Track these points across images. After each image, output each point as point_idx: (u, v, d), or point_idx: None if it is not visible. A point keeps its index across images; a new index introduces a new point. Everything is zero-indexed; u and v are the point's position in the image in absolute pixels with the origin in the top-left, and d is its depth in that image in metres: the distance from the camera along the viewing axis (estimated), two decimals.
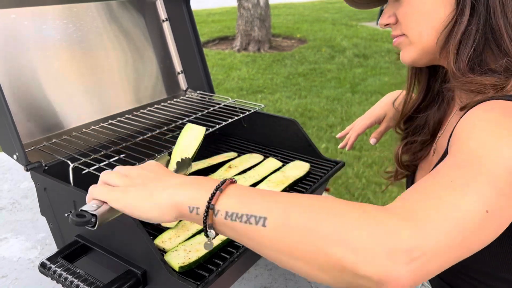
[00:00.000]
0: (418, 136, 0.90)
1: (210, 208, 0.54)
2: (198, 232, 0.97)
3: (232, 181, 0.58)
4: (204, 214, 0.54)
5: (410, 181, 0.93)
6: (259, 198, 0.54)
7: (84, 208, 0.62)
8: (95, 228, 0.62)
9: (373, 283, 0.45)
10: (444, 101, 0.87)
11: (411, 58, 0.78)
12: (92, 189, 0.66)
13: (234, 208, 0.53)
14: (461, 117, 0.65)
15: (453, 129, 0.65)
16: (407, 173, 0.96)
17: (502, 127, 0.56)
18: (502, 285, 0.71)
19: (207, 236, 0.56)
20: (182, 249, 0.88)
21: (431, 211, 0.48)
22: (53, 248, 1.11)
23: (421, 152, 0.90)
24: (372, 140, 1.13)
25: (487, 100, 0.63)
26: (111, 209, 0.63)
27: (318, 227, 0.49)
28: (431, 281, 0.89)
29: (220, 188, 0.55)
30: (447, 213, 0.48)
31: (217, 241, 0.91)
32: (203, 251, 0.88)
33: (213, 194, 0.54)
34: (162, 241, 0.93)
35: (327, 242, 0.47)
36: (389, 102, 1.12)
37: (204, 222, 0.54)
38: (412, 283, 0.46)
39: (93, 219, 0.61)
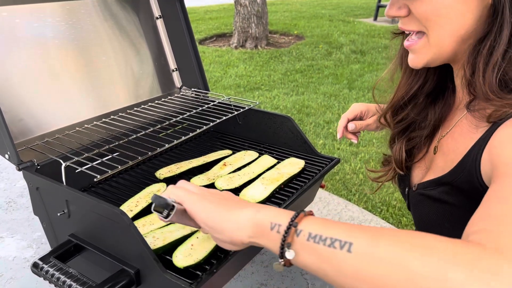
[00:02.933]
0: (420, 131, 0.86)
1: (293, 225, 0.53)
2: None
3: (311, 213, 0.57)
4: (285, 231, 0.53)
5: (407, 180, 0.90)
6: (344, 225, 0.53)
7: (163, 196, 0.66)
8: (167, 219, 0.64)
9: None
10: (448, 98, 0.84)
11: (425, 61, 0.73)
12: (171, 189, 0.68)
13: (318, 230, 0.52)
14: (489, 129, 0.63)
15: (483, 143, 0.63)
16: (398, 173, 0.93)
17: None
18: None
19: (281, 257, 0.54)
20: (188, 245, 0.89)
21: None
22: (49, 247, 1.11)
23: (417, 150, 0.88)
24: (350, 125, 1.10)
25: None
26: (184, 212, 0.65)
27: (411, 262, 0.46)
28: None
29: (304, 211, 0.55)
30: None
31: (211, 245, 0.91)
32: (204, 253, 0.87)
33: (296, 215, 0.54)
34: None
35: (422, 280, 0.45)
36: (371, 104, 1.09)
37: (283, 241, 0.53)
38: None
39: (171, 207, 0.64)
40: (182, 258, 0.85)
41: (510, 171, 0.55)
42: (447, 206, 0.73)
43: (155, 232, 0.94)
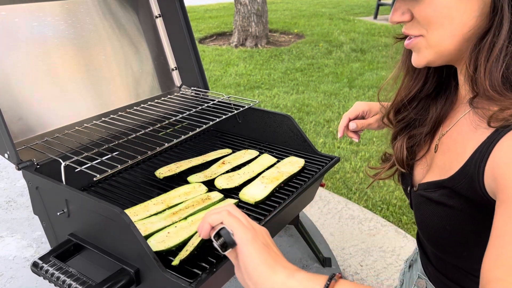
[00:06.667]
0: (420, 129, 0.86)
1: None
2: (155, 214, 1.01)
3: (341, 276, 0.57)
4: None
5: (410, 178, 0.89)
6: None
7: (223, 231, 0.61)
8: (223, 253, 0.61)
9: None
10: (450, 95, 0.83)
11: (426, 60, 0.73)
12: (227, 217, 0.63)
13: None
14: (491, 135, 0.62)
15: (486, 153, 0.62)
16: (400, 171, 0.92)
17: None
18: None
19: None
20: (165, 232, 0.92)
21: None
22: (49, 247, 1.11)
23: (418, 148, 0.88)
24: (351, 125, 1.10)
25: None
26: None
27: None
28: (434, 280, 0.87)
29: (334, 278, 0.55)
30: None
31: (186, 234, 0.93)
32: (177, 240, 0.91)
33: (328, 283, 0.55)
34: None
35: None
36: (373, 102, 1.09)
37: None
38: None
39: (232, 245, 0.61)
40: (155, 244, 0.88)
41: None
42: (448, 209, 0.72)
43: (156, 235, 0.93)
